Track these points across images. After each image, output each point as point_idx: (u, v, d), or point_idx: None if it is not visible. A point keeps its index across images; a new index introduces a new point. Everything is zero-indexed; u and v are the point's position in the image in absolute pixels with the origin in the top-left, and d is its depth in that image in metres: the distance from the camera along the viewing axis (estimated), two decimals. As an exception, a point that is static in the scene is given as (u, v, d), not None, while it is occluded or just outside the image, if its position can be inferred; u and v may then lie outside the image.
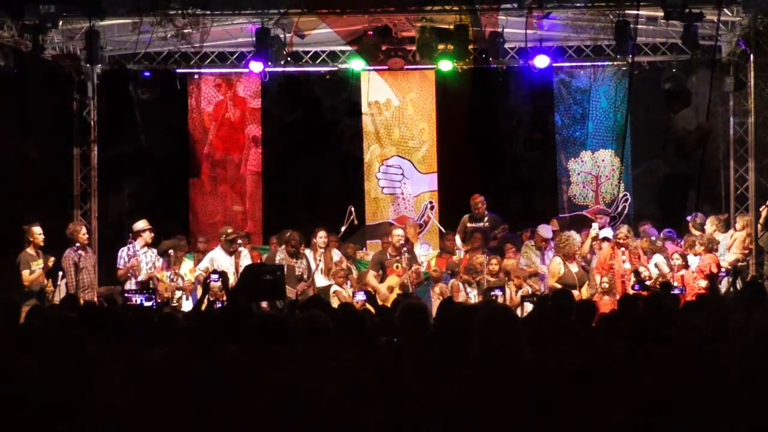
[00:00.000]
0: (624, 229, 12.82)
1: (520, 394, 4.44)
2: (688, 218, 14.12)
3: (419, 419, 4.59)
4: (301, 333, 5.08)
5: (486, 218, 14.51)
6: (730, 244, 13.34)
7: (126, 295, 11.10)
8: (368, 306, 10.08)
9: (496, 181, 15.72)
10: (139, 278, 12.72)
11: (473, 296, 12.81)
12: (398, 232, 13.47)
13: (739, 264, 12.96)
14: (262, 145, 16.21)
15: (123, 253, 12.97)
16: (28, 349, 5.58)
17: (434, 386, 4.73)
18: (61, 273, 12.80)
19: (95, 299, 12.59)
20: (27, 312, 7.68)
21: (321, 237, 13.42)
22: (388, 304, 11.46)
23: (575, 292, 12.06)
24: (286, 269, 12.80)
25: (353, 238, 15.06)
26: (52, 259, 12.41)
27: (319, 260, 13.29)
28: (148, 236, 13.08)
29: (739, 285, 12.48)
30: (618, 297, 11.98)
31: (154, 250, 13.17)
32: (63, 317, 6.66)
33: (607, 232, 13.38)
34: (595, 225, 13.95)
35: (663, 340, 5.29)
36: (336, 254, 13.67)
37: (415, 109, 16.10)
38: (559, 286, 12.44)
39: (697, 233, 13.60)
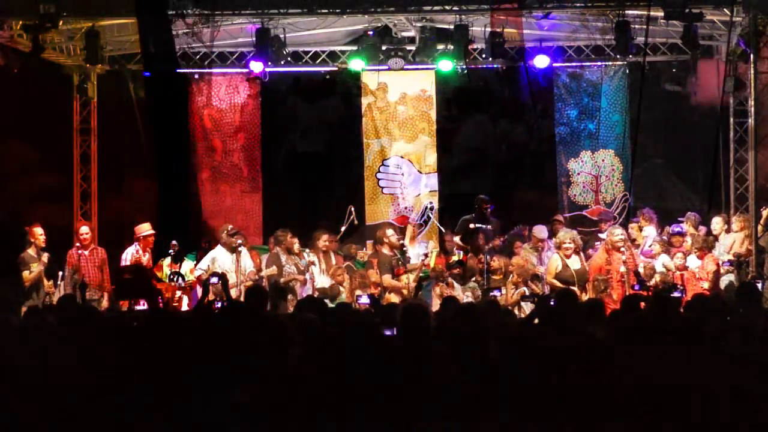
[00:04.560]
0: (618, 232, 12.76)
1: (524, 394, 4.44)
2: (681, 218, 14.08)
3: (421, 417, 4.60)
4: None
5: (490, 222, 14.46)
6: (730, 246, 13.30)
7: None
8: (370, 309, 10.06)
9: (496, 181, 15.71)
10: None
11: (468, 296, 12.78)
12: (390, 231, 13.47)
13: (741, 258, 12.92)
14: (261, 145, 16.19)
15: (128, 255, 12.86)
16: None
17: (436, 384, 4.74)
18: (61, 273, 12.80)
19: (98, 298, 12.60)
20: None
21: (324, 241, 13.45)
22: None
23: (574, 289, 12.06)
24: (294, 268, 12.89)
25: (353, 238, 15.05)
26: (46, 255, 12.37)
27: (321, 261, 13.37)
28: (150, 241, 12.98)
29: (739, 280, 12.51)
30: (615, 298, 12.01)
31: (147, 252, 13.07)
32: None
33: None
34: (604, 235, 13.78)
35: (670, 335, 5.29)
36: (333, 258, 13.70)
37: (415, 109, 16.09)
38: (556, 282, 12.44)
39: (694, 232, 13.58)
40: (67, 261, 12.81)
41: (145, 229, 12.98)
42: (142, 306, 10.14)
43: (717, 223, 13.54)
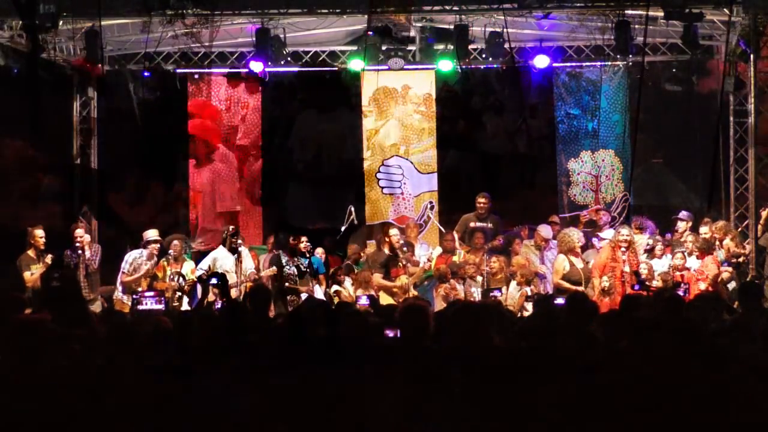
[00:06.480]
0: (625, 231, 12.77)
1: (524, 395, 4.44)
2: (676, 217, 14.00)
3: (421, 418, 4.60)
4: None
5: (489, 219, 14.47)
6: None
7: (135, 297, 11.03)
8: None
9: (496, 181, 15.73)
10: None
11: (477, 294, 12.76)
12: (394, 231, 13.49)
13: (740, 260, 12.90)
14: (261, 146, 16.20)
15: (130, 258, 12.79)
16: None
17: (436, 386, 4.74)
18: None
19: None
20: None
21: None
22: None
23: (580, 288, 12.09)
24: (295, 269, 12.91)
25: (353, 239, 15.05)
26: (50, 256, 12.34)
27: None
28: (155, 248, 12.92)
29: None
30: (617, 298, 11.99)
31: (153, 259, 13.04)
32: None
33: (610, 234, 13.35)
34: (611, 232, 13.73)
35: (673, 334, 5.29)
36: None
37: (415, 109, 16.09)
38: (564, 283, 12.42)
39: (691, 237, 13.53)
40: (63, 263, 12.76)
41: (152, 234, 12.92)
42: (145, 306, 10.14)
43: (704, 232, 13.31)
